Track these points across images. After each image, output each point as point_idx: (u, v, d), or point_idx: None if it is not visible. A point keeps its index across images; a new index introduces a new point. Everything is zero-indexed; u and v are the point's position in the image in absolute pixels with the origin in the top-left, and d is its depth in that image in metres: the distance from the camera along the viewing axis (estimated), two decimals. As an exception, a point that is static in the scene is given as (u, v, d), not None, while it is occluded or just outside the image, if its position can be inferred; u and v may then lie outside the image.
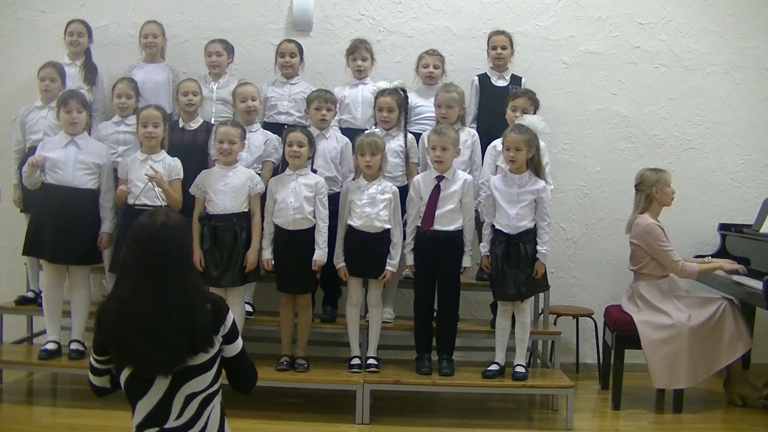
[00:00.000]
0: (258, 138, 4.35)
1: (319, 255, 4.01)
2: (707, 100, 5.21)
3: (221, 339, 2.25)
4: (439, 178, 4.05)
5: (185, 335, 2.14)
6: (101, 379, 2.33)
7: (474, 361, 4.54)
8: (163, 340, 2.11)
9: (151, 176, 3.94)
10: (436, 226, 4.01)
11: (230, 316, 2.29)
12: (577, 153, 5.17)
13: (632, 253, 4.34)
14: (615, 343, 4.25)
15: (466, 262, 4.08)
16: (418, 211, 4.08)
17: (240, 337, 2.34)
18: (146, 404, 2.17)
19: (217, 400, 2.26)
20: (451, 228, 4.03)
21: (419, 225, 4.06)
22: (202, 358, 2.19)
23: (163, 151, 4.16)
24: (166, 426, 2.16)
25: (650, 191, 4.26)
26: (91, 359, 2.31)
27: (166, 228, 2.20)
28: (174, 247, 2.20)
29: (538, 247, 3.96)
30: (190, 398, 2.18)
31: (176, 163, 4.13)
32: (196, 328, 2.16)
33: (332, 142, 4.32)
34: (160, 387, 2.16)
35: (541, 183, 4.00)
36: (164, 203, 4.00)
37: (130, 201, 4.01)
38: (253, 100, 4.35)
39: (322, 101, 4.26)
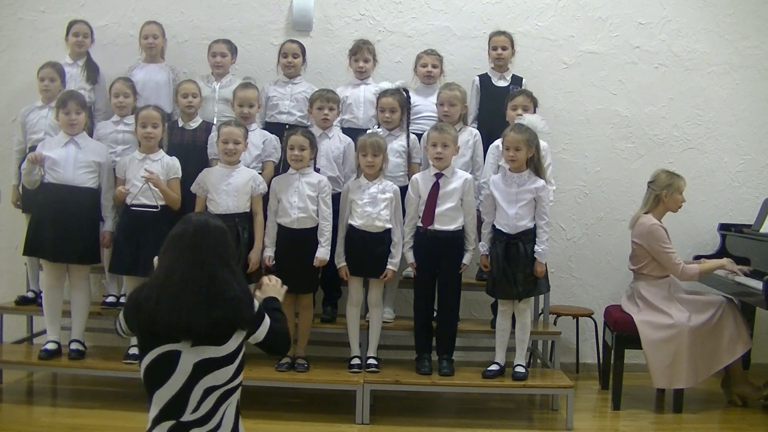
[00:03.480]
0: (256, 138, 4.33)
1: (322, 252, 4.01)
2: (707, 100, 5.21)
3: (245, 333, 2.31)
4: (438, 176, 4.05)
5: (224, 312, 2.21)
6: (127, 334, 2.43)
7: (474, 361, 4.54)
8: (204, 311, 2.17)
9: (147, 177, 3.94)
10: (437, 225, 4.01)
11: (255, 304, 2.36)
12: (577, 153, 5.17)
13: (633, 253, 4.34)
14: (615, 343, 4.25)
15: (466, 259, 4.08)
16: (416, 210, 4.08)
17: (265, 317, 2.40)
18: (164, 395, 2.19)
19: (235, 398, 2.28)
20: (452, 227, 4.03)
21: (419, 225, 4.06)
22: (226, 350, 2.22)
23: (161, 150, 4.15)
24: (182, 419, 2.18)
25: (660, 193, 4.25)
26: (121, 323, 2.37)
27: (214, 224, 2.33)
28: (223, 239, 2.32)
29: (536, 247, 3.96)
30: (208, 392, 2.20)
31: (174, 162, 4.13)
32: (242, 309, 2.26)
33: (335, 142, 4.32)
34: (180, 377, 2.18)
35: (541, 182, 4.00)
36: (162, 203, 4.01)
37: (129, 201, 4.01)
38: (250, 107, 4.30)
39: (325, 101, 4.26)
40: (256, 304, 2.37)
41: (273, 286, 2.64)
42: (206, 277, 2.22)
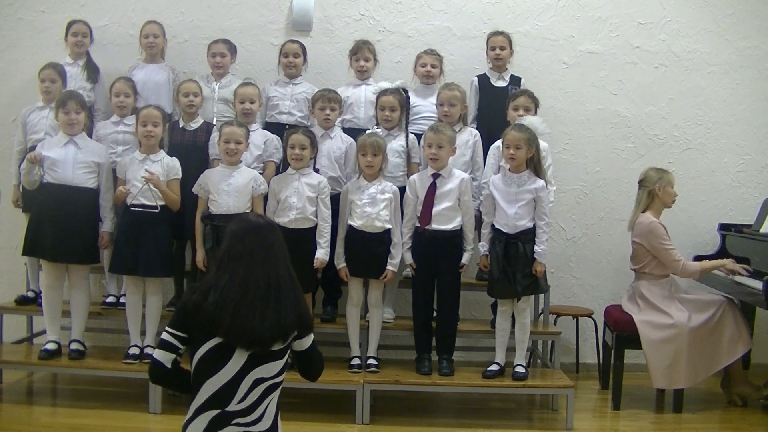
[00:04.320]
0: (257, 138, 4.34)
1: (321, 254, 4.01)
2: (707, 100, 5.21)
3: (296, 333, 2.34)
4: (435, 176, 4.05)
5: (292, 317, 2.28)
6: (167, 355, 2.29)
7: (474, 361, 4.55)
8: (275, 320, 2.24)
9: (147, 177, 3.94)
10: (434, 225, 4.01)
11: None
12: (577, 153, 5.17)
13: (634, 252, 4.34)
14: (615, 343, 4.25)
15: (464, 259, 4.08)
16: (414, 210, 4.08)
17: (311, 333, 2.43)
18: (214, 383, 2.21)
19: (277, 394, 2.33)
20: (450, 227, 4.03)
21: (417, 225, 4.06)
22: (280, 345, 2.27)
23: (162, 151, 4.15)
24: (227, 408, 2.21)
25: (653, 188, 4.26)
26: (166, 335, 2.30)
27: (270, 224, 2.43)
28: (280, 239, 2.39)
29: (536, 247, 3.96)
30: (256, 383, 2.25)
31: (174, 162, 4.12)
32: (303, 311, 2.34)
33: (337, 142, 4.32)
34: (233, 367, 2.21)
35: (540, 182, 4.00)
36: (161, 203, 4.00)
37: (129, 201, 4.00)
38: (251, 103, 4.33)
39: (326, 101, 4.26)
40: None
41: None
42: (272, 284, 2.27)
